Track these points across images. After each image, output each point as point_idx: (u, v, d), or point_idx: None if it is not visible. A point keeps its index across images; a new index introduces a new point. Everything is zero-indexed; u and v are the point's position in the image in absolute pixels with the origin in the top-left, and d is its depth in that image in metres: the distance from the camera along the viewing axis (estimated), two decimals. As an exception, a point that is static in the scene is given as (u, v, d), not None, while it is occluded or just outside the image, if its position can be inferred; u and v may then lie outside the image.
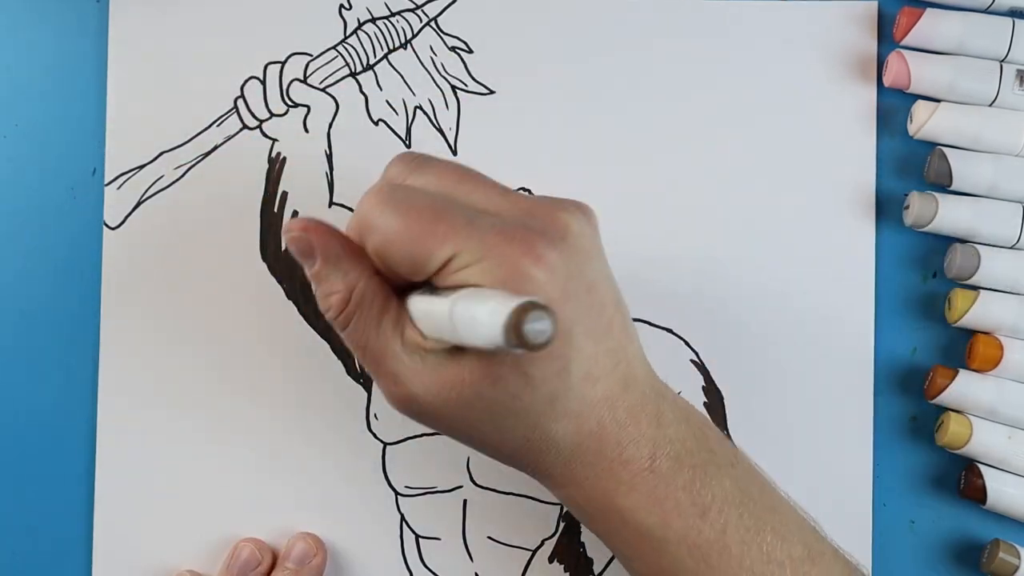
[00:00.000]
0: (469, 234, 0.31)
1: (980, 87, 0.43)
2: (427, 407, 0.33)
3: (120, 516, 0.45)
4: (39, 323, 0.45)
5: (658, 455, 0.34)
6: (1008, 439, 0.43)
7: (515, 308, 0.27)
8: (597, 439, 0.34)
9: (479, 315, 0.28)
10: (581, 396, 0.33)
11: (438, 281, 0.32)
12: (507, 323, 0.27)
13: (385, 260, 0.33)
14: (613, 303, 0.34)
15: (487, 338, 0.28)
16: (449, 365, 0.33)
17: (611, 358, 0.34)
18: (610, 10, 0.46)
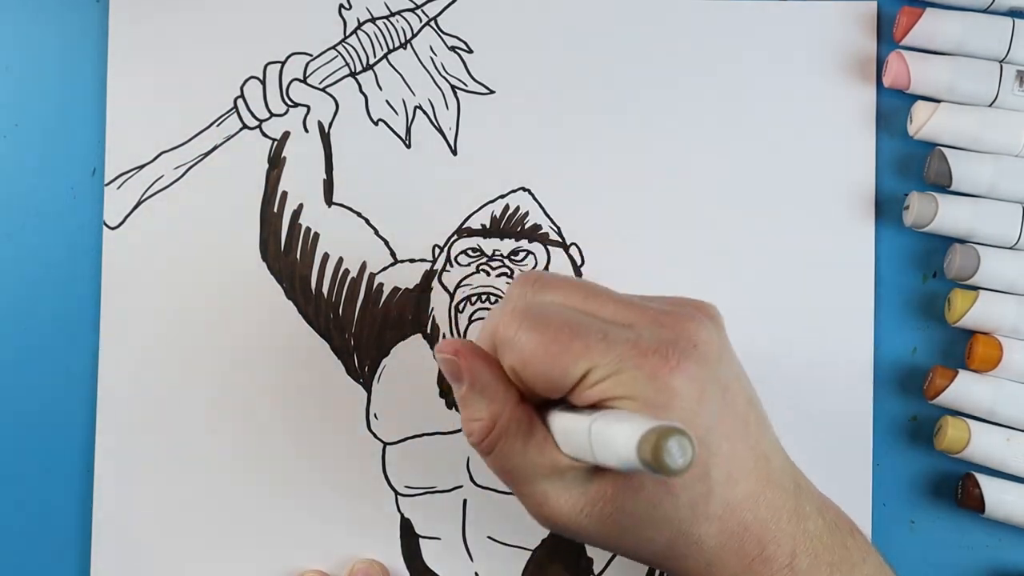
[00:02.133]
0: (605, 349, 0.32)
1: (980, 87, 0.43)
2: (572, 524, 0.34)
3: (119, 516, 0.45)
4: (39, 323, 0.45)
5: (798, 552, 0.34)
6: (1007, 442, 0.43)
7: (652, 430, 0.27)
8: (739, 539, 0.34)
9: (617, 438, 0.28)
10: (723, 499, 0.33)
11: (575, 397, 0.33)
12: (643, 447, 0.27)
13: (522, 378, 0.34)
14: (746, 400, 0.35)
15: (625, 461, 0.28)
16: (593, 483, 0.33)
17: (751, 455, 0.34)
18: (610, 10, 0.46)
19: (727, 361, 0.35)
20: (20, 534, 0.45)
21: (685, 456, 0.27)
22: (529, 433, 0.34)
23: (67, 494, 0.45)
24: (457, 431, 0.45)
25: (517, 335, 0.33)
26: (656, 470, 0.27)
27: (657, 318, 0.34)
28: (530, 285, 0.35)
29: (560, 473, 0.34)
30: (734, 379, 0.35)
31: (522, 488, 0.35)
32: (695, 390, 0.32)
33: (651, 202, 0.45)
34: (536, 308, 0.34)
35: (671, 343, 0.33)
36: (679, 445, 0.27)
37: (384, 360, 0.45)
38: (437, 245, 0.45)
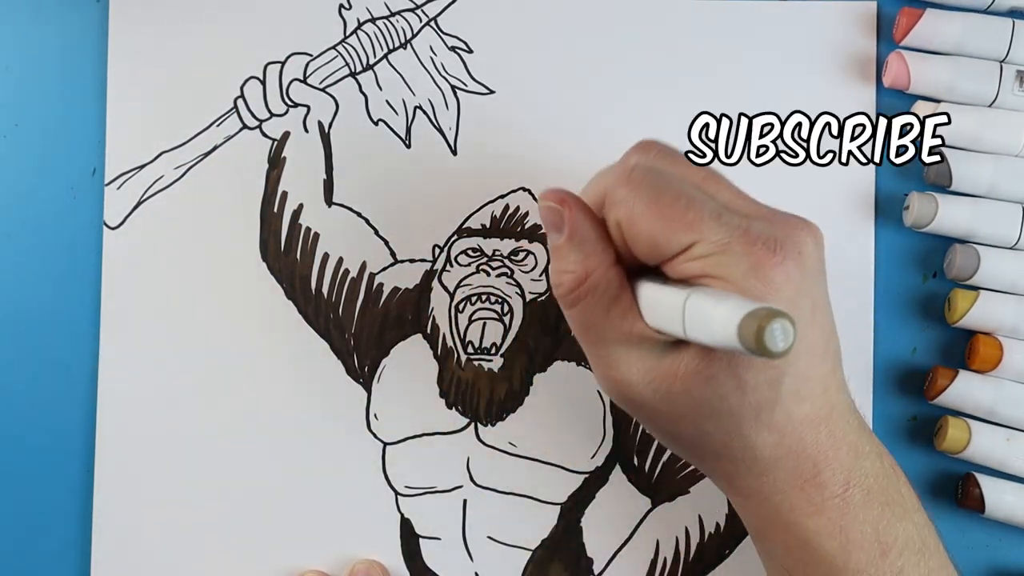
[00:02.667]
0: (715, 226, 0.32)
1: (980, 88, 0.43)
2: (636, 396, 0.34)
3: (119, 515, 0.45)
4: (39, 323, 0.45)
5: (852, 484, 0.34)
6: (1007, 442, 0.43)
7: (758, 310, 0.27)
8: (795, 457, 0.34)
9: (716, 314, 0.28)
10: (787, 412, 0.33)
11: (671, 268, 0.33)
12: (746, 325, 0.27)
13: (626, 238, 0.34)
14: (830, 325, 0.35)
15: (720, 337, 0.28)
16: (667, 358, 0.33)
17: (821, 382, 0.34)
18: (610, 10, 0.46)
19: (822, 282, 0.35)
20: (20, 534, 0.45)
21: (787, 340, 0.27)
22: (617, 296, 0.34)
23: (67, 494, 0.45)
24: (458, 431, 0.45)
25: (632, 195, 0.33)
26: (755, 351, 0.27)
27: (770, 216, 0.34)
28: (652, 152, 0.36)
29: (638, 342, 0.33)
30: (824, 301, 0.35)
31: (596, 349, 0.35)
32: (791, 290, 0.32)
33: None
34: (655, 173, 0.34)
35: (780, 240, 0.32)
36: (782, 328, 0.26)
37: (384, 360, 0.45)
38: (437, 245, 0.45)
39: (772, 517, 0.35)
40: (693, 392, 0.33)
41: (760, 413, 0.33)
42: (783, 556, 0.36)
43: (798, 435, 0.34)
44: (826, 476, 0.34)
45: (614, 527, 0.45)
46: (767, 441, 0.34)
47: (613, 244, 0.34)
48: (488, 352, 0.45)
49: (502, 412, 0.45)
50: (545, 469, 0.45)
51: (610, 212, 0.34)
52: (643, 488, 0.45)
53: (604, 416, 0.45)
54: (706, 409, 0.33)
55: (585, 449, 0.45)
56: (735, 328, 0.27)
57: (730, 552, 0.45)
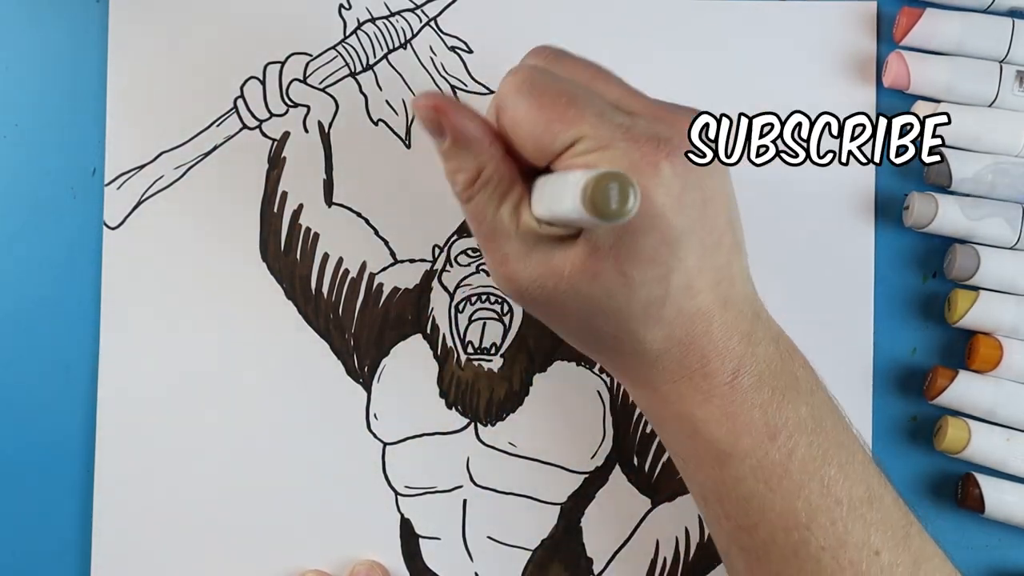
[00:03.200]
0: (597, 124, 0.32)
1: (980, 88, 0.43)
2: (526, 291, 0.34)
3: (119, 515, 0.45)
4: (39, 323, 0.45)
5: (741, 372, 0.34)
6: (1007, 442, 0.43)
7: (598, 172, 0.27)
8: (684, 348, 0.34)
9: (568, 180, 0.29)
10: (678, 306, 0.33)
11: (559, 165, 0.33)
12: (586, 189, 0.27)
13: (514, 140, 0.34)
14: (726, 220, 0.35)
15: (572, 204, 0.28)
16: (555, 255, 0.33)
17: (715, 275, 0.34)
18: (609, 10, 0.46)
19: (718, 175, 0.35)
20: (20, 534, 0.45)
21: (625, 201, 0.27)
22: (508, 189, 0.34)
23: (67, 494, 0.45)
24: (458, 431, 0.45)
25: (516, 96, 0.33)
26: (599, 215, 0.27)
27: (658, 112, 0.34)
28: (543, 56, 0.36)
29: (526, 238, 0.34)
30: (720, 194, 0.34)
31: (489, 244, 0.35)
32: (675, 190, 0.32)
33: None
34: (540, 73, 0.34)
35: (664, 138, 0.33)
36: (620, 188, 0.27)
37: (384, 360, 0.45)
38: (437, 245, 0.45)
39: (663, 407, 0.35)
40: (580, 289, 0.33)
41: (649, 309, 0.33)
42: (677, 445, 0.36)
43: (687, 328, 0.34)
44: (715, 365, 0.34)
45: (614, 527, 0.45)
46: (656, 335, 0.34)
47: (502, 140, 0.35)
48: (488, 352, 0.45)
49: (502, 412, 0.45)
50: (545, 469, 0.45)
51: (500, 117, 0.34)
52: (643, 488, 0.45)
53: (604, 416, 0.45)
54: (594, 306, 0.33)
55: (585, 449, 0.45)
56: (579, 195, 0.27)
57: (730, 552, 0.45)
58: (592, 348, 0.36)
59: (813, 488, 0.34)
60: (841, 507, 0.34)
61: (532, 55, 0.36)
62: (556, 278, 0.33)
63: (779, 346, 0.36)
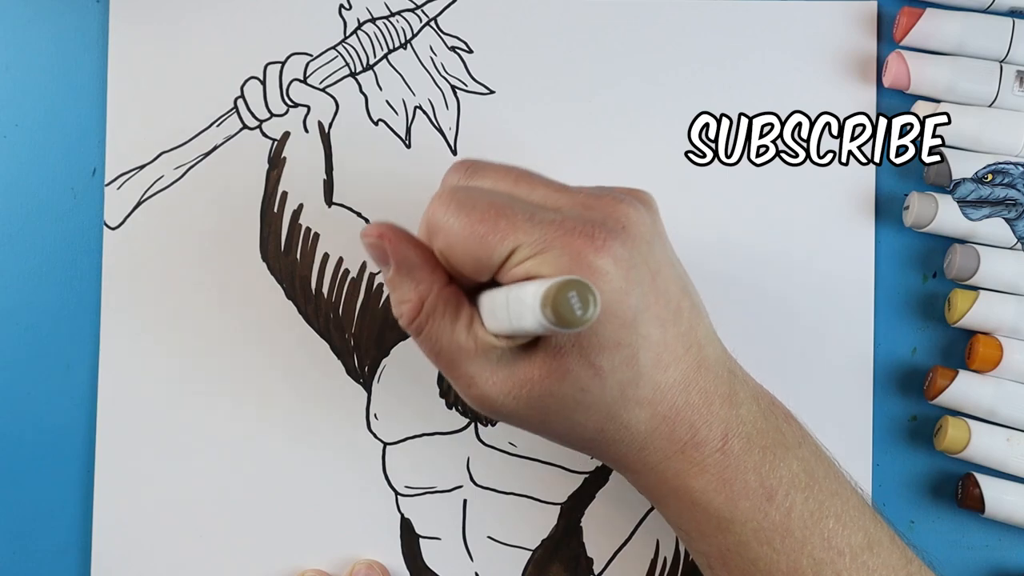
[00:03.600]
0: (530, 228, 0.32)
1: (980, 88, 0.43)
2: (502, 406, 0.34)
3: (119, 516, 0.45)
4: (39, 323, 0.45)
5: (730, 436, 0.34)
6: (1007, 442, 0.43)
7: (554, 284, 0.27)
8: (670, 423, 0.34)
9: (526, 298, 0.29)
10: (653, 383, 0.33)
11: (501, 277, 0.33)
12: (545, 302, 0.27)
13: (451, 261, 0.34)
14: (680, 287, 0.35)
15: (533, 321, 0.28)
16: (519, 364, 0.33)
17: (682, 342, 0.34)
18: (610, 10, 0.46)
19: (659, 246, 0.34)
20: (21, 533, 0.45)
21: (586, 305, 0.27)
22: (456, 313, 0.34)
23: (67, 494, 0.45)
24: (458, 431, 0.45)
25: (445, 217, 0.33)
26: (563, 324, 0.27)
27: (586, 201, 0.34)
28: (463, 171, 0.36)
29: (486, 354, 0.34)
30: (666, 265, 0.34)
31: (452, 371, 0.35)
32: (621, 271, 0.32)
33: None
34: (464, 191, 0.34)
35: (598, 223, 0.33)
36: (579, 296, 0.27)
37: (384, 360, 0.45)
38: (437, 245, 0.45)
39: (660, 484, 0.35)
40: (554, 391, 0.33)
41: (625, 392, 0.33)
42: (678, 519, 0.36)
43: (669, 402, 0.34)
44: (703, 434, 0.34)
45: (614, 527, 0.45)
46: (639, 416, 0.34)
47: (442, 266, 0.35)
48: (488, 352, 0.45)
49: (502, 412, 0.45)
50: (545, 469, 0.45)
51: (433, 242, 0.34)
52: (643, 488, 0.45)
53: (604, 416, 0.45)
54: (571, 403, 0.33)
55: (585, 449, 0.45)
56: (539, 310, 0.27)
57: (730, 552, 0.45)
58: (581, 444, 0.36)
59: (815, 543, 0.34)
60: (844, 557, 0.34)
61: (451, 173, 0.36)
62: (528, 386, 0.33)
63: (760, 404, 0.36)
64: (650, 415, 0.34)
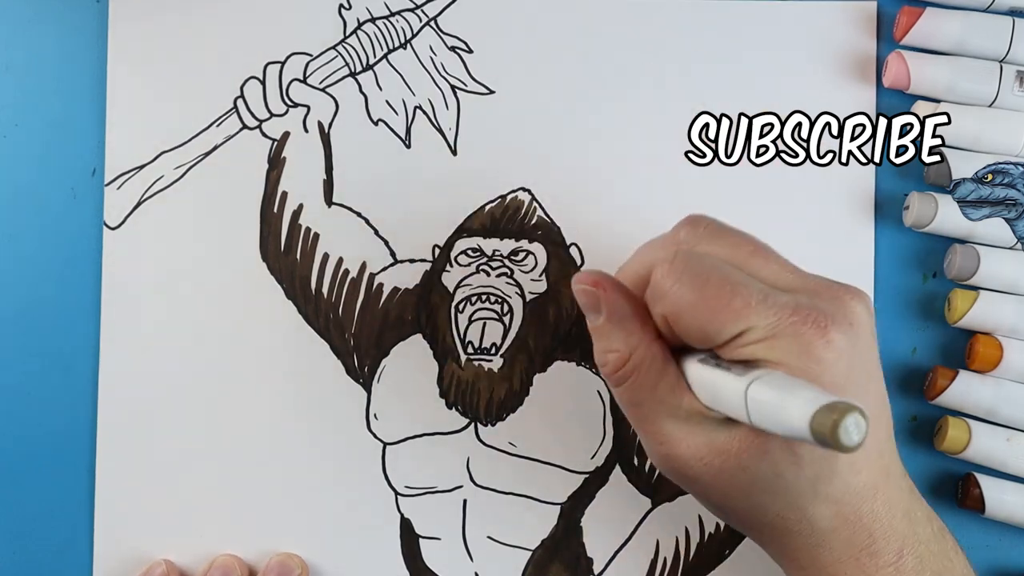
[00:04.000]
0: (763, 311, 0.32)
1: (980, 87, 0.43)
2: (690, 471, 0.34)
3: (121, 515, 0.45)
4: (39, 323, 0.45)
5: (905, 552, 0.34)
6: (1007, 442, 0.43)
7: (831, 405, 0.27)
8: (851, 527, 0.34)
9: (788, 408, 0.28)
10: (844, 482, 0.33)
11: (725, 352, 0.33)
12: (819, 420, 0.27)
13: (675, 327, 0.33)
14: (882, 395, 0.35)
15: (791, 430, 0.28)
16: (721, 433, 0.33)
17: (877, 449, 0.34)
18: (610, 10, 0.46)
19: (874, 348, 0.34)
20: (22, 534, 0.45)
21: (860, 433, 0.26)
22: (663, 371, 0.34)
23: (68, 494, 0.45)
24: (458, 431, 0.45)
25: (676, 287, 0.33)
26: (828, 444, 0.26)
27: (817, 288, 0.34)
28: (699, 230, 0.35)
29: (689, 417, 0.33)
30: (876, 369, 0.34)
31: (646, 426, 0.35)
32: (844, 367, 0.32)
33: (651, 202, 0.45)
34: (698, 260, 0.33)
35: (829, 314, 0.32)
36: (856, 422, 0.26)
37: (384, 360, 0.45)
38: (437, 245, 0.45)
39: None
40: (748, 467, 0.33)
41: (817, 486, 0.33)
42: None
43: (854, 505, 0.33)
44: (880, 545, 0.34)
45: (614, 527, 0.45)
46: (824, 513, 0.33)
47: (653, 321, 0.34)
48: (488, 352, 0.45)
49: (502, 412, 0.45)
50: (545, 469, 0.45)
51: (656, 304, 0.34)
52: (643, 488, 0.45)
53: (604, 416, 0.45)
54: (761, 484, 0.33)
55: (585, 449, 0.45)
56: (807, 423, 0.27)
57: (730, 552, 0.45)
58: (757, 528, 0.36)
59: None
60: None
61: (683, 228, 0.36)
62: (723, 456, 0.33)
63: (934, 526, 0.35)
64: (834, 513, 0.33)
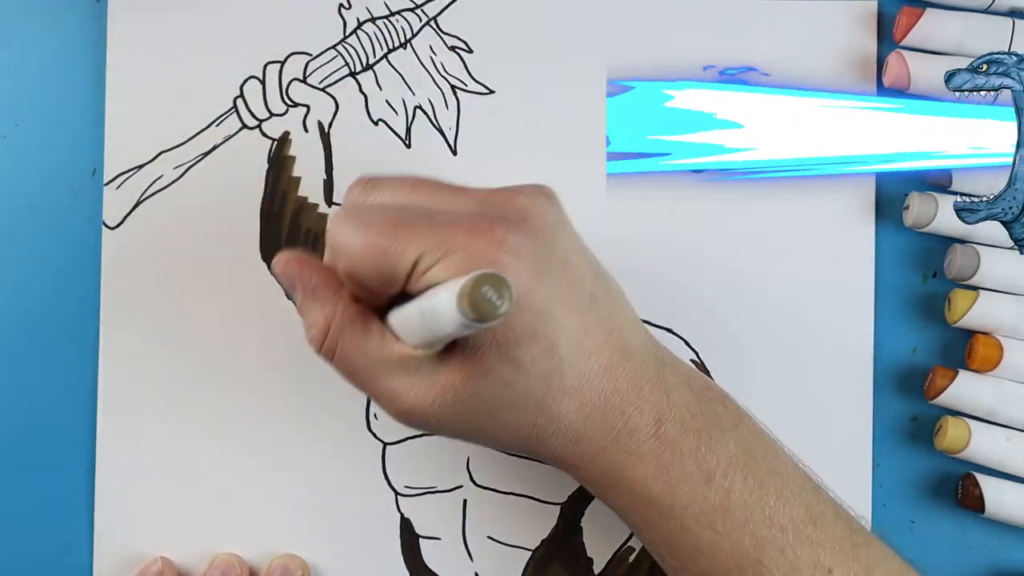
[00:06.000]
0: (429, 234, 0.32)
1: (980, 87, 0.43)
2: (429, 417, 0.34)
3: (121, 516, 0.45)
4: (39, 323, 0.45)
5: (663, 421, 0.34)
6: (1007, 442, 0.43)
7: (468, 281, 0.27)
8: (601, 411, 0.34)
9: (441, 303, 0.29)
10: (577, 371, 0.33)
11: (411, 288, 0.33)
12: (461, 302, 0.27)
13: (358, 280, 0.34)
14: (592, 275, 0.35)
15: (452, 322, 0.28)
16: (439, 371, 0.33)
17: (601, 329, 0.34)
18: (610, 10, 0.46)
19: (565, 236, 0.34)
20: (22, 534, 0.45)
21: (503, 297, 0.27)
22: (366, 330, 0.34)
23: (68, 494, 0.45)
24: (457, 431, 0.45)
25: (344, 237, 0.33)
26: (480, 319, 0.27)
27: (485, 198, 0.34)
28: (361, 188, 0.36)
29: (405, 365, 0.33)
30: (574, 253, 0.34)
31: (373, 388, 0.35)
32: (527, 263, 0.32)
33: (650, 201, 0.45)
34: (359, 208, 0.34)
35: (497, 219, 0.33)
36: (494, 289, 0.27)
37: (384, 360, 0.45)
38: (437, 245, 0.45)
39: (601, 477, 0.35)
40: (478, 392, 0.33)
41: (550, 383, 0.33)
42: (624, 512, 0.36)
43: (596, 390, 0.34)
44: (635, 421, 0.34)
45: (614, 527, 0.45)
46: (570, 407, 0.34)
47: (346, 287, 0.35)
48: (488, 352, 0.45)
49: (502, 412, 0.45)
50: (545, 469, 0.45)
51: (338, 263, 0.34)
52: (643, 488, 0.45)
53: (604, 416, 0.45)
54: (497, 401, 0.33)
55: (585, 449, 0.45)
56: (455, 306, 0.27)
57: (730, 552, 0.45)
58: (519, 444, 0.36)
59: (757, 521, 0.34)
60: (787, 534, 0.34)
61: (350, 191, 0.36)
62: (451, 391, 0.33)
63: (693, 388, 0.35)
64: (579, 404, 0.34)
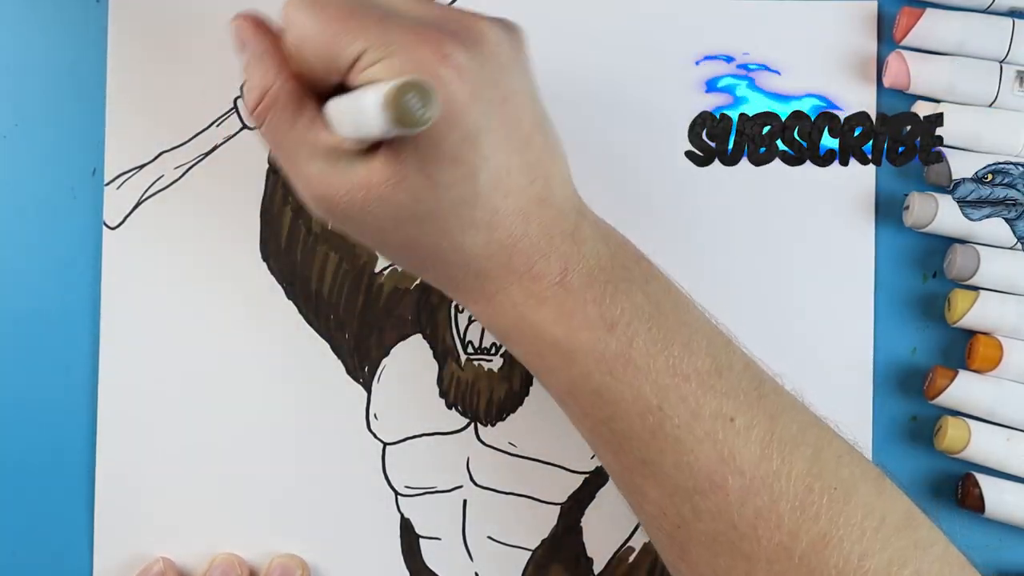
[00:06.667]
0: (380, 31, 0.32)
1: (980, 88, 0.43)
2: (338, 209, 0.34)
3: (120, 515, 0.45)
4: (39, 323, 0.45)
5: (570, 270, 0.34)
6: (1007, 442, 0.43)
7: (395, 84, 0.27)
8: (507, 252, 0.34)
9: (367, 99, 0.29)
10: (491, 207, 0.33)
11: (349, 80, 0.33)
12: (387, 101, 0.27)
13: (301, 58, 0.34)
14: (532, 120, 0.34)
15: (375, 121, 0.28)
16: (358, 167, 0.33)
17: (527, 173, 0.34)
18: (610, 11, 0.46)
19: (516, 72, 0.34)
20: (22, 535, 0.45)
21: (428, 105, 0.27)
22: (299, 108, 0.34)
23: (68, 494, 0.45)
24: (457, 431, 0.45)
25: (298, 13, 0.33)
26: (401, 124, 0.27)
27: (447, 14, 0.34)
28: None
29: (327, 154, 0.33)
30: (521, 94, 0.34)
31: (292, 168, 0.35)
32: (466, 84, 0.32)
33: (650, 201, 0.45)
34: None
35: (449, 34, 0.32)
36: (420, 96, 0.27)
37: (384, 360, 0.45)
38: (437, 245, 0.45)
39: (501, 317, 0.35)
40: (389, 198, 0.33)
41: (461, 211, 0.33)
42: (524, 354, 0.36)
43: (506, 230, 0.34)
44: (541, 267, 0.34)
45: (614, 527, 0.45)
46: (475, 240, 0.34)
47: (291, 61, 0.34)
48: (488, 352, 0.45)
49: (502, 412, 0.45)
50: (545, 469, 0.45)
51: (286, 36, 0.34)
52: (643, 488, 0.45)
53: (604, 416, 0.45)
54: (405, 213, 0.33)
55: (585, 449, 0.45)
56: (379, 106, 0.28)
57: (730, 552, 0.45)
58: (418, 264, 0.36)
59: (659, 370, 0.34)
60: (689, 383, 0.34)
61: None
62: (364, 190, 0.33)
63: (608, 243, 0.35)
64: (486, 240, 0.34)
